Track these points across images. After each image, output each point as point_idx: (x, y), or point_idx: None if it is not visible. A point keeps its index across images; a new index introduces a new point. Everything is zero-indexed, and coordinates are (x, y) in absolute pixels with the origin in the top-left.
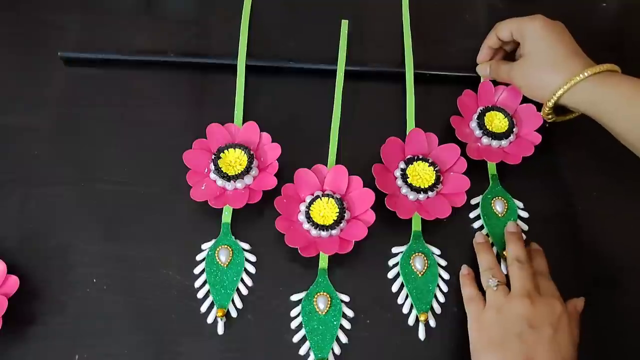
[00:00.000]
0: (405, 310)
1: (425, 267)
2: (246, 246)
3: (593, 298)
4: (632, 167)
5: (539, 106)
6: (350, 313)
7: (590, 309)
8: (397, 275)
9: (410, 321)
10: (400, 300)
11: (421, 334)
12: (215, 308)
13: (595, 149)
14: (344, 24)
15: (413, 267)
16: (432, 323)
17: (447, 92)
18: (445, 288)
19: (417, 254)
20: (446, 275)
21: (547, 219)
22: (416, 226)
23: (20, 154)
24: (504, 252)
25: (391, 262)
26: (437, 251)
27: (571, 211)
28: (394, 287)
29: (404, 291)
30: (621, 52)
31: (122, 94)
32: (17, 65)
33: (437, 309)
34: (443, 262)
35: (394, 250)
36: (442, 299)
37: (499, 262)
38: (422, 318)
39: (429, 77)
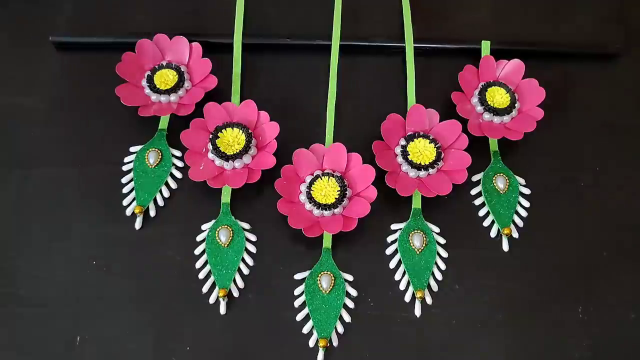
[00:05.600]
0: (402, 287)
1: (424, 245)
2: (246, 226)
3: (598, 273)
4: (634, 140)
5: None
6: (353, 292)
7: (595, 284)
8: (396, 252)
9: (407, 298)
10: (397, 277)
11: (417, 311)
12: (217, 288)
13: (597, 123)
14: None
15: (411, 245)
16: (429, 300)
17: (448, 67)
18: (443, 266)
19: (415, 231)
20: (444, 253)
21: (549, 194)
22: (416, 203)
23: (16, 135)
24: (505, 230)
25: (389, 239)
26: (436, 229)
27: (573, 186)
28: (392, 264)
29: (402, 268)
30: (621, 50)
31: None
32: (9, 45)
33: (435, 287)
34: (442, 240)
35: (393, 227)
36: (439, 276)
37: (500, 239)
38: (418, 295)
39: (429, 51)
